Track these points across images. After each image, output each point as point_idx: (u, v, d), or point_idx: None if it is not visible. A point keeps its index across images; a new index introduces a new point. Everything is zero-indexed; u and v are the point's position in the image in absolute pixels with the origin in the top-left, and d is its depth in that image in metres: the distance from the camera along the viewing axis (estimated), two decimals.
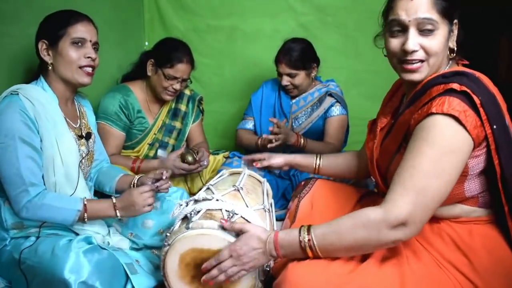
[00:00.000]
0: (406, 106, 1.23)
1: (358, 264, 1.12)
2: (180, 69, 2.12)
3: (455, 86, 1.07)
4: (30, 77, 1.58)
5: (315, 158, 1.66)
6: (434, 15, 1.13)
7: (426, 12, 1.13)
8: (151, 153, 2.28)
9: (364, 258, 1.16)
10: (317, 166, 1.65)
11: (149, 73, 2.17)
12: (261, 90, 2.54)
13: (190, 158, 2.13)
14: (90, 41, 1.53)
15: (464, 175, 1.12)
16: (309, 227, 1.13)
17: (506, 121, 1.13)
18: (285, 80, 2.33)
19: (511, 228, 1.14)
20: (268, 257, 1.16)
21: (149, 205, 1.50)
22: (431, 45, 1.14)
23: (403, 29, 1.17)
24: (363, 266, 1.11)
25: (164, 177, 1.60)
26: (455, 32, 1.19)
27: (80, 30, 1.50)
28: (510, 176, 1.09)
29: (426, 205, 1.06)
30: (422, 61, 1.17)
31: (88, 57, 1.51)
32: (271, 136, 2.11)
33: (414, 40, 1.14)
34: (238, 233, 1.21)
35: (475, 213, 1.18)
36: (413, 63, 1.17)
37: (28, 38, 1.66)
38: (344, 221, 1.10)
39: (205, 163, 2.20)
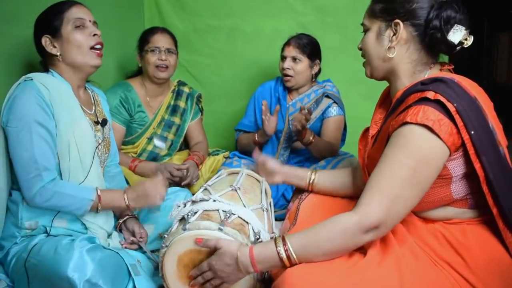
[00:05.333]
0: (388, 114, 1.25)
1: (356, 264, 1.13)
2: (157, 39, 2.21)
3: (430, 94, 1.09)
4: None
5: (310, 172, 1.60)
6: (366, 20, 1.30)
7: (363, 18, 1.31)
8: (149, 147, 2.31)
9: (361, 257, 1.16)
10: (311, 181, 1.59)
11: (140, 64, 2.27)
12: (253, 98, 2.53)
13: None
14: (90, 20, 1.53)
15: (448, 177, 1.14)
16: (283, 237, 1.15)
17: (489, 125, 1.13)
18: (287, 63, 2.32)
19: (501, 229, 1.15)
20: (245, 273, 1.17)
21: (162, 195, 1.51)
22: (362, 45, 1.31)
23: None
24: (361, 265, 1.12)
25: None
26: (400, 32, 1.20)
27: (77, 12, 1.51)
28: (495, 178, 1.10)
29: (399, 212, 1.11)
30: (364, 60, 1.33)
31: (95, 35, 1.52)
32: (302, 112, 2.07)
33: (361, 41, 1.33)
34: (238, 232, 1.22)
35: (467, 214, 1.19)
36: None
37: (28, 38, 1.65)
38: (321, 230, 1.12)
39: (194, 181, 2.21)
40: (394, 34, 1.22)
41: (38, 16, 1.54)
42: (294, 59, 2.31)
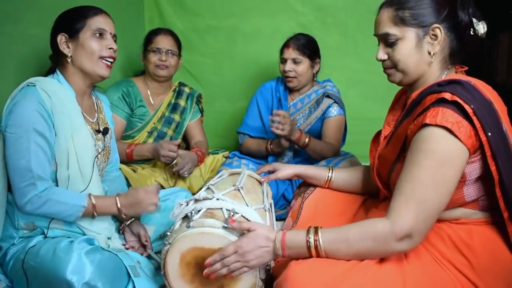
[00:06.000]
0: (404, 116, 1.25)
1: (359, 262, 1.13)
2: (159, 40, 2.30)
3: (447, 95, 1.09)
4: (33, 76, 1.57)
5: (327, 170, 1.61)
6: (393, 29, 1.23)
7: (385, 27, 1.24)
8: (150, 141, 2.34)
9: None
10: (328, 179, 1.59)
11: (143, 63, 2.35)
12: (254, 99, 2.52)
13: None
14: (110, 33, 1.53)
15: (462, 180, 1.14)
16: (316, 228, 1.15)
17: (503, 127, 1.13)
18: (288, 66, 2.31)
19: (510, 233, 1.14)
20: (273, 256, 1.18)
21: (154, 204, 1.51)
22: (393, 55, 1.25)
23: (378, 41, 1.30)
24: (364, 263, 1.12)
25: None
26: (440, 36, 1.20)
27: (100, 22, 1.51)
28: (509, 181, 1.10)
29: (427, 215, 1.09)
30: (392, 67, 1.28)
31: (110, 48, 1.52)
32: (275, 124, 2.09)
33: (381, 51, 1.28)
34: (242, 233, 1.22)
35: (476, 216, 1.19)
36: (385, 68, 1.31)
37: (30, 39, 1.66)
38: (353, 230, 1.13)
39: (186, 174, 2.24)
40: (433, 39, 1.21)
41: (62, 13, 1.54)
42: (295, 61, 2.31)
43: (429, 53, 1.22)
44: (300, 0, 2.89)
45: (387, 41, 1.25)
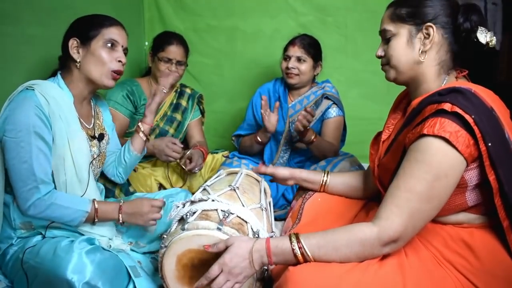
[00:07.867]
0: (404, 124, 1.24)
1: (360, 262, 1.13)
2: (171, 50, 2.29)
3: (447, 106, 1.08)
4: (31, 77, 1.55)
5: (322, 174, 1.61)
6: (389, 26, 1.26)
7: (384, 24, 1.28)
8: (151, 138, 2.35)
9: None
10: (323, 183, 1.60)
11: (149, 64, 2.38)
12: (251, 103, 2.52)
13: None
14: (122, 46, 1.54)
15: (464, 186, 1.13)
16: (296, 235, 1.15)
17: (506, 135, 1.12)
18: (292, 63, 2.31)
19: (510, 242, 1.14)
20: (259, 265, 1.15)
21: (155, 220, 1.52)
22: (388, 51, 1.28)
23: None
24: (364, 263, 1.12)
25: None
26: (433, 35, 1.20)
27: (114, 33, 1.51)
28: (510, 190, 1.09)
29: (417, 224, 1.11)
30: (386, 64, 1.30)
31: (119, 61, 1.52)
32: (304, 121, 2.05)
33: (380, 48, 1.31)
34: (237, 231, 1.21)
35: (478, 220, 1.19)
36: (382, 65, 1.33)
37: (29, 38, 1.65)
38: (340, 235, 1.13)
39: (196, 170, 2.26)
40: (426, 38, 1.21)
41: (78, 18, 1.54)
42: (299, 59, 2.31)
43: (419, 50, 1.22)
44: (300, 0, 2.89)
45: (385, 38, 1.27)
